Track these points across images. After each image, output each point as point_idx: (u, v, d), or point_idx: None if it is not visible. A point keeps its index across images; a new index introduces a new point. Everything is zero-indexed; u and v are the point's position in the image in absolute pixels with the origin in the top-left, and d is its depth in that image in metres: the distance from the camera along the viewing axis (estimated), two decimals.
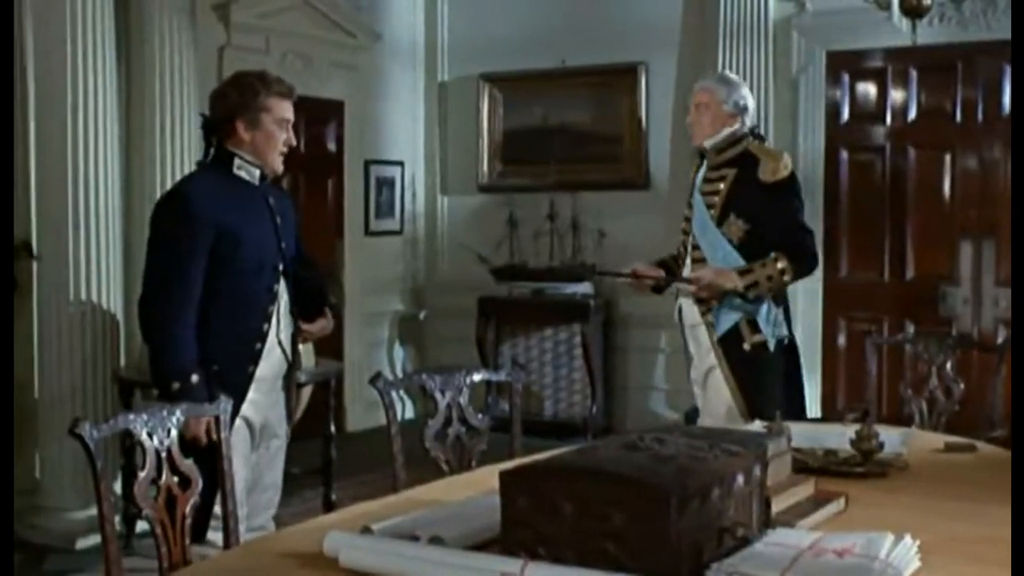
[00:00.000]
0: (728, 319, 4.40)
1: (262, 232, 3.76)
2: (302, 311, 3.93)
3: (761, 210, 4.36)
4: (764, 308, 4.40)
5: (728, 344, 4.42)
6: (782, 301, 4.48)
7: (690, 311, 4.53)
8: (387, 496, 2.90)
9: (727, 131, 4.49)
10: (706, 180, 4.49)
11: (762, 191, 4.38)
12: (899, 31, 6.37)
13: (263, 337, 3.75)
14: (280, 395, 3.92)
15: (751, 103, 4.55)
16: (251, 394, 3.72)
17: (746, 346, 4.41)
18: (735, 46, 7.29)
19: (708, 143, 4.50)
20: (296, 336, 3.90)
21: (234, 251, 3.66)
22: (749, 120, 4.53)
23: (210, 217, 3.62)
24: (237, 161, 3.76)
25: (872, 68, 7.20)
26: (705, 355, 4.50)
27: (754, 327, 4.40)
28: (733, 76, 4.78)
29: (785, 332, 4.49)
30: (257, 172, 3.78)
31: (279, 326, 3.81)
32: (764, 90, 7.28)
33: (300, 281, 3.91)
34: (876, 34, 6.88)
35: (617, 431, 7.36)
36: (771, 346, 4.42)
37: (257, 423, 3.80)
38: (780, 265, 4.31)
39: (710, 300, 4.40)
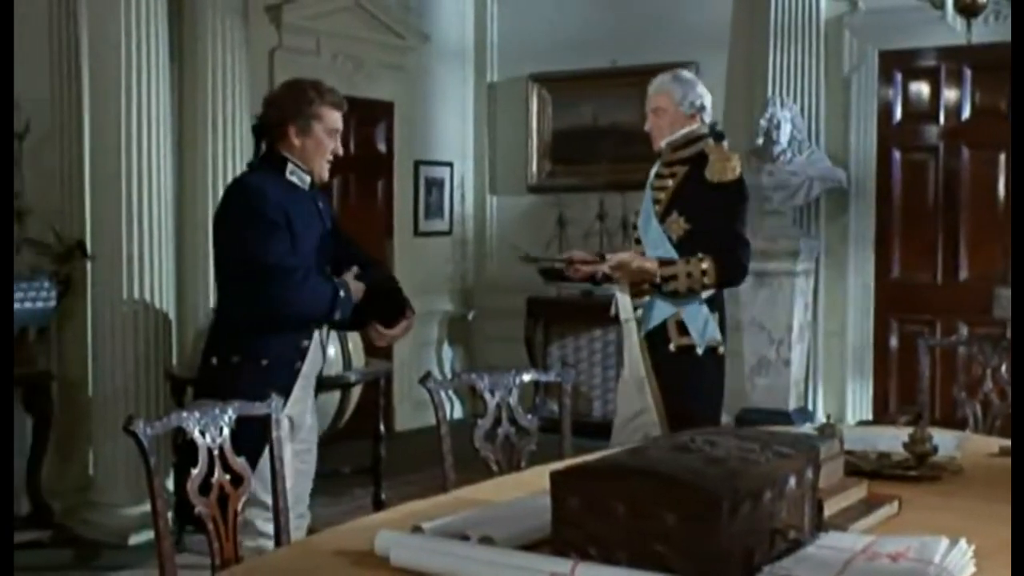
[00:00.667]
0: (656, 316, 4.26)
1: (313, 234, 3.83)
2: (382, 315, 3.97)
3: (703, 210, 4.24)
4: (694, 310, 4.26)
5: (654, 342, 4.28)
6: (717, 308, 4.32)
7: (624, 305, 4.38)
8: (437, 496, 2.91)
9: (685, 130, 4.38)
10: (658, 176, 4.41)
11: (707, 191, 4.24)
12: (953, 30, 6.31)
13: (310, 335, 3.82)
14: (311, 394, 3.97)
15: (708, 100, 4.42)
16: (295, 391, 3.78)
17: (672, 347, 4.26)
18: (786, 46, 7.24)
19: (664, 141, 4.40)
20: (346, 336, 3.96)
21: (294, 251, 3.74)
22: (707, 118, 4.42)
23: (279, 211, 3.71)
24: (290, 166, 3.82)
25: (925, 67, 7.13)
26: (636, 353, 4.31)
27: (682, 329, 4.26)
28: (687, 75, 4.60)
29: (718, 338, 4.31)
30: (308, 178, 3.86)
31: (323, 326, 3.89)
32: (815, 90, 7.24)
33: (376, 284, 3.95)
34: (929, 33, 6.82)
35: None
36: (699, 350, 4.27)
37: (295, 420, 3.86)
38: (704, 266, 4.16)
39: (640, 294, 4.28)
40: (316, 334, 3.85)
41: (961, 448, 3.26)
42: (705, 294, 4.25)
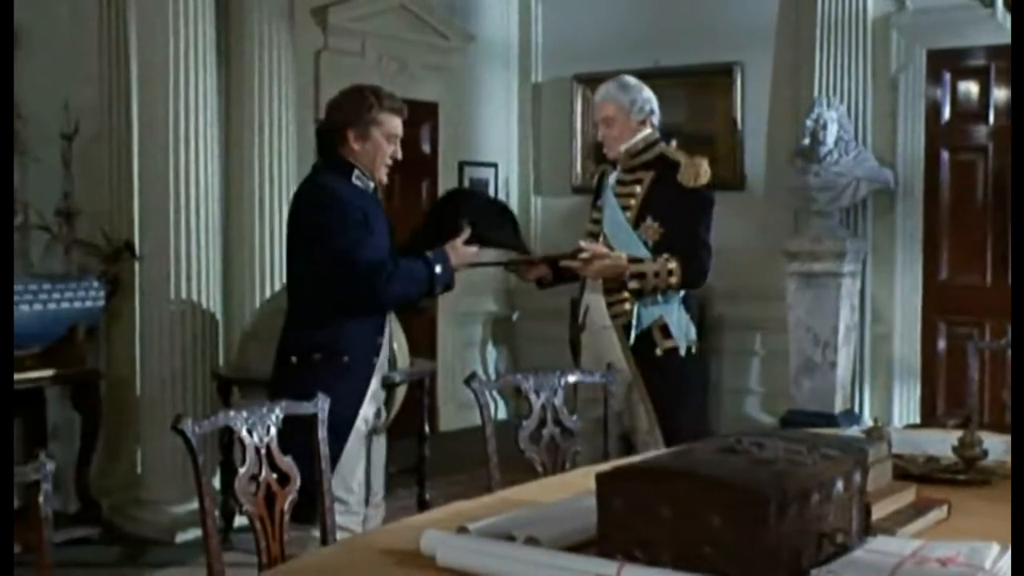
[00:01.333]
0: (643, 322, 4.29)
1: (381, 234, 3.88)
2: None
3: (675, 214, 4.28)
4: (675, 312, 4.33)
5: (638, 348, 4.30)
6: (689, 308, 4.42)
7: (598, 311, 4.40)
8: (482, 496, 2.91)
9: (640, 135, 4.41)
10: (620, 183, 4.42)
11: (680, 195, 4.29)
12: (1002, 28, 6.24)
13: (382, 331, 3.93)
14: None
15: (655, 104, 4.45)
16: (372, 385, 3.89)
17: (658, 351, 4.30)
18: (832, 45, 7.19)
19: (623, 147, 4.41)
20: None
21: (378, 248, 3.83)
22: (656, 121, 4.45)
23: (358, 210, 3.79)
24: (355, 171, 3.89)
25: (974, 66, 7.05)
26: (615, 359, 4.22)
27: (666, 332, 4.30)
28: (632, 80, 4.56)
29: (694, 337, 4.41)
30: (371, 183, 3.93)
31: (388, 320, 4.00)
32: (862, 90, 7.19)
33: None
34: (978, 31, 6.74)
35: (711, 434, 7.30)
36: (682, 351, 4.34)
37: (372, 414, 3.94)
38: (671, 266, 4.22)
39: (619, 302, 4.30)
40: (387, 329, 3.94)
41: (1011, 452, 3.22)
42: (679, 295, 4.34)
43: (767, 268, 7.37)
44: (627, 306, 4.30)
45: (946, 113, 7.16)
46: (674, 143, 4.49)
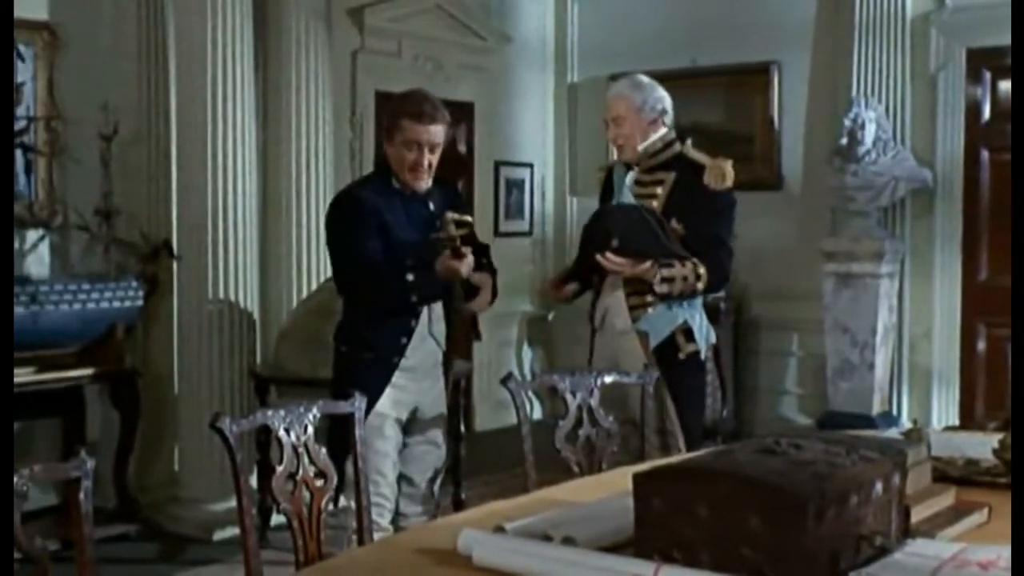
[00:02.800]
0: (666, 327, 4.24)
1: (416, 235, 3.89)
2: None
3: (699, 216, 4.22)
4: (697, 317, 4.30)
5: (663, 354, 4.24)
6: (704, 309, 4.40)
7: (619, 316, 4.31)
8: (518, 496, 2.91)
9: (656, 135, 4.36)
10: (639, 183, 4.36)
11: (704, 197, 4.24)
12: None
13: (410, 331, 3.91)
14: (436, 383, 4.06)
15: (668, 103, 4.42)
16: (394, 384, 3.88)
17: (681, 355, 4.26)
18: (871, 44, 7.14)
19: (641, 147, 4.35)
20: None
21: (391, 251, 3.85)
22: (669, 120, 4.41)
23: (374, 214, 3.84)
24: (393, 175, 3.95)
25: None
26: (631, 364, 4.18)
27: (688, 336, 4.27)
28: (645, 79, 4.53)
29: (713, 340, 4.42)
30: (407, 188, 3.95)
31: (431, 320, 3.96)
32: (901, 89, 7.13)
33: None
34: None
35: (748, 435, 7.27)
36: (702, 355, 4.33)
37: (404, 413, 3.95)
38: (700, 271, 4.17)
39: (641, 306, 4.24)
40: (419, 330, 3.93)
41: None
42: (701, 298, 4.32)
43: (804, 268, 7.32)
44: (650, 310, 4.24)
45: (986, 112, 7.09)
46: (689, 142, 4.42)
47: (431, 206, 3.97)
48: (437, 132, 3.90)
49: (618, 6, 8.43)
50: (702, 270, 4.18)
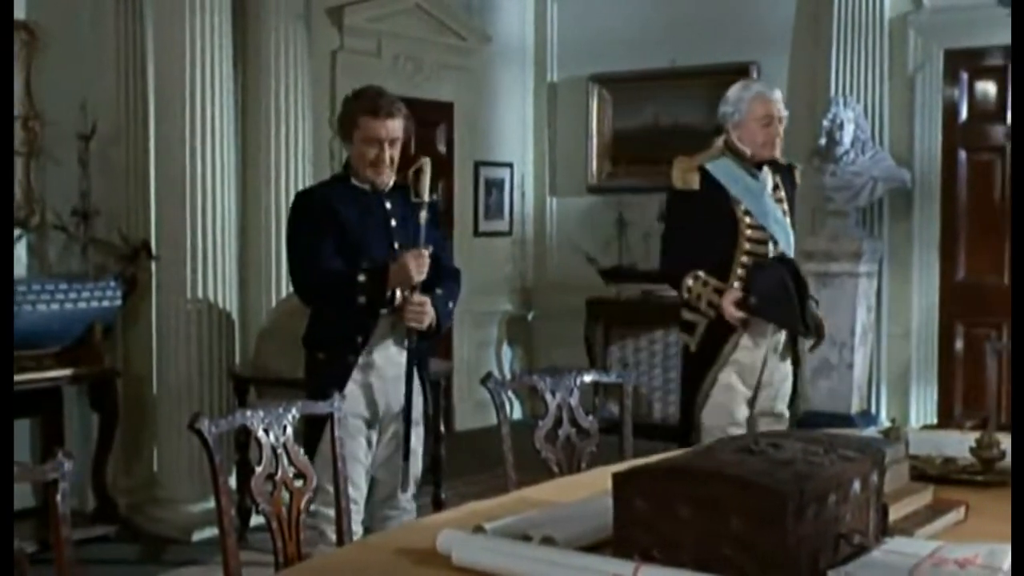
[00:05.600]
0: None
1: (375, 235, 3.88)
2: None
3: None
4: None
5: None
6: None
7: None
8: (498, 496, 2.91)
9: None
10: (775, 186, 4.48)
11: (796, 193, 4.61)
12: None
13: (366, 331, 3.86)
14: (400, 383, 3.96)
15: None
16: (358, 383, 3.85)
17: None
18: (849, 45, 7.17)
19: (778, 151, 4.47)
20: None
21: (347, 249, 3.83)
22: None
23: (331, 215, 3.84)
24: (353, 173, 3.94)
25: (992, 66, 7.01)
26: (778, 374, 4.56)
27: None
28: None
29: None
30: (366, 185, 3.93)
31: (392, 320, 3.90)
32: (879, 90, 7.16)
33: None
34: (996, 31, 6.70)
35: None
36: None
37: (371, 414, 3.91)
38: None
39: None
40: (379, 330, 3.88)
41: None
42: None
43: None
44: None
45: (963, 113, 7.12)
46: None
47: (388, 204, 3.94)
48: (395, 127, 3.89)
49: (598, 6, 8.44)
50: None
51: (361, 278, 3.78)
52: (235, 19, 5.87)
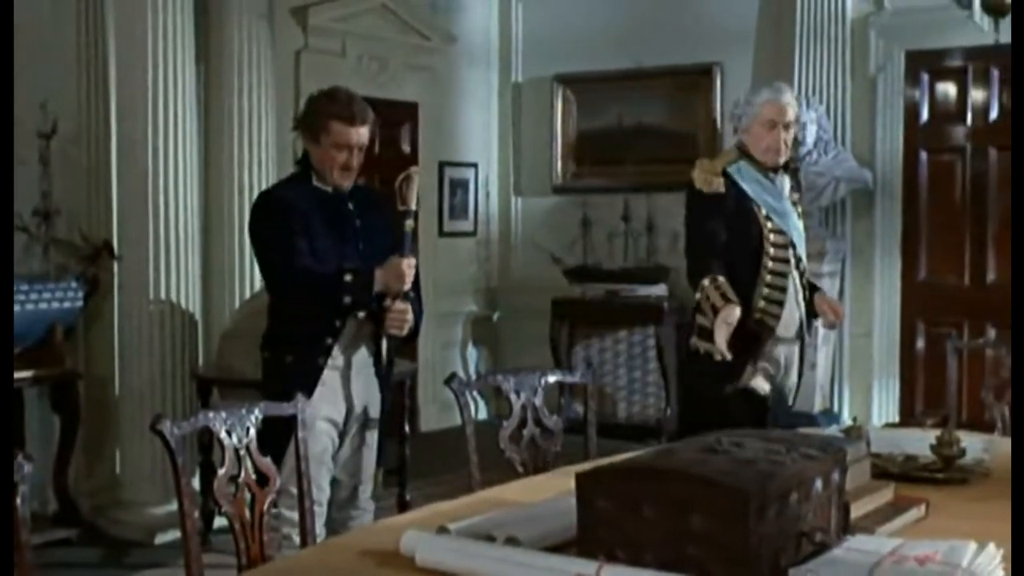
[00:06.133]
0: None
1: (338, 236, 3.87)
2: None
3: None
4: None
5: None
6: None
7: (794, 324, 4.42)
8: (462, 496, 2.91)
9: None
10: (792, 188, 4.43)
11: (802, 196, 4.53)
12: (980, 29, 6.26)
13: (335, 333, 3.84)
14: (371, 383, 3.97)
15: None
16: (325, 384, 3.82)
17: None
18: (812, 46, 7.22)
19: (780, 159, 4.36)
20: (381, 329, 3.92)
21: (314, 251, 3.80)
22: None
23: (299, 215, 3.81)
24: (315, 173, 3.91)
25: (952, 67, 7.08)
26: (792, 370, 4.55)
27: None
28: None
29: None
30: (330, 187, 3.91)
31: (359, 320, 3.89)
32: (842, 90, 7.21)
33: None
34: (956, 33, 6.77)
35: (691, 434, 7.30)
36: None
37: (337, 416, 3.88)
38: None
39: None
40: (346, 332, 3.86)
41: (989, 451, 3.24)
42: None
43: None
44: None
45: (924, 114, 7.19)
46: None
47: (351, 205, 3.94)
48: (365, 133, 3.89)
49: (562, 6, 8.46)
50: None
51: (348, 278, 3.75)
52: (198, 18, 5.83)
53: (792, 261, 4.32)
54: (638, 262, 8.04)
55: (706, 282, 4.13)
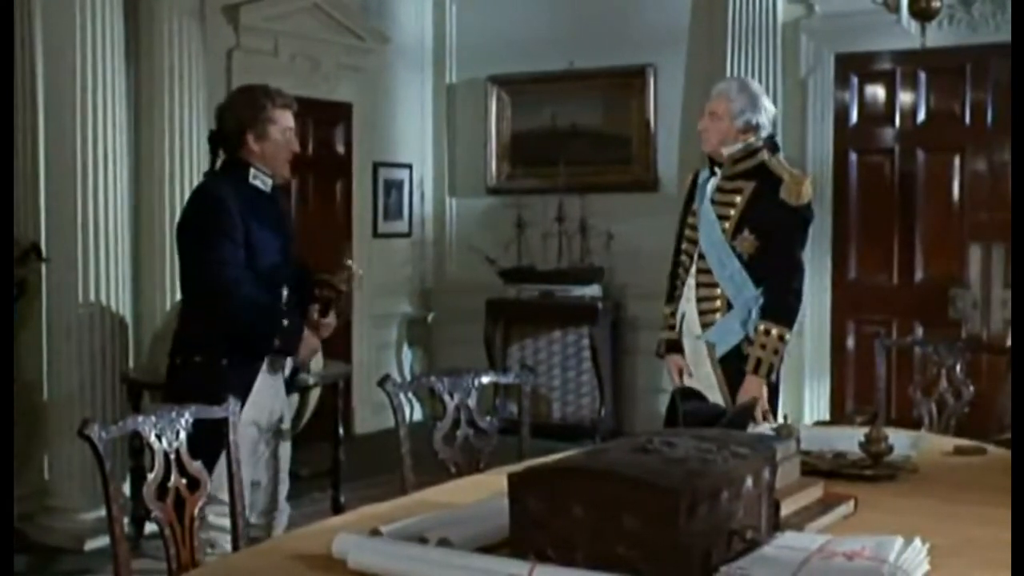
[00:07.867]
0: (732, 339, 4.30)
1: (275, 236, 3.90)
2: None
3: (774, 229, 4.24)
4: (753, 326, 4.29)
5: (728, 362, 4.32)
6: None
7: (693, 322, 4.40)
8: (396, 498, 2.90)
9: (742, 143, 4.33)
10: (719, 190, 4.34)
11: (781, 211, 4.24)
12: (908, 33, 6.33)
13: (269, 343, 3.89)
14: (280, 388, 4.04)
15: (766, 117, 4.36)
16: (255, 393, 3.83)
17: (743, 365, 4.31)
18: (743, 48, 7.28)
19: (726, 151, 4.33)
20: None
21: (251, 254, 3.81)
22: (764, 133, 4.37)
23: (239, 219, 3.79)
24: (252, 171, 3.90)
25: (881, 70, 7.19)
26: (702, 365, 4.40)
27: (749, 342, 4.29)
28: (755, 87, 4.52)
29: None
30: (270, 181, 3.94)
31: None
32: (772, 92, 7.25)
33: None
34: (885, 36, 6.84)
35: (626, 434, 7.34)
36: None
37: (264, 420, 3.90)
38: (775, 332, 4.23)
39: (711, 312, 4.33)
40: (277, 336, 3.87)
41: (917, 447, 3.29)
42: (756, 307, 4.27)
43: None
44: (717, 316, 4.31)
45: (854, 116, 7.29)
46: (781, 155, 4.44)
47: (280, 206, 4.03)
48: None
49: (496, 8, 8.46)
50: (775, 330, 4.22)
51: (285, 322, 3.84)
52: (127, 16, 5.76)
53: (696, 255, 4.37)
54: (572, 263, 8.06)
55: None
